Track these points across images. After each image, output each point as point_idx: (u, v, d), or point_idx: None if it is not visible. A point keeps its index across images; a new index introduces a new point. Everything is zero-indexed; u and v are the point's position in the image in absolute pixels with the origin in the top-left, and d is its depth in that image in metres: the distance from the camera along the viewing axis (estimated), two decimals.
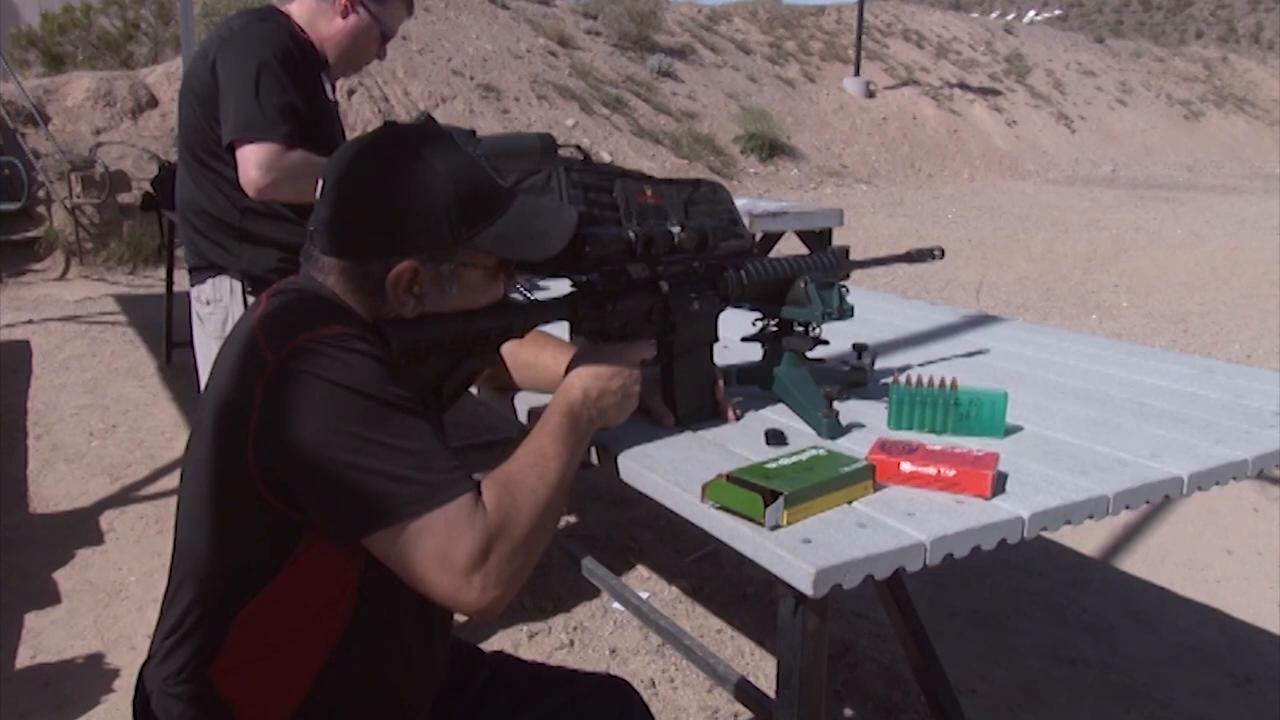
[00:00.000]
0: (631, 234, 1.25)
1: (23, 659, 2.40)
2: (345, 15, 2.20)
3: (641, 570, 2.92)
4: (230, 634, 1.07)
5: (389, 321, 1.08)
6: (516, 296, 1.23)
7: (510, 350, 1.39)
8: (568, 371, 1.21)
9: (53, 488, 3.43)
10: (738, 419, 1.40)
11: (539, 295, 1.24)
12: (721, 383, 1.41)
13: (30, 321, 5.79)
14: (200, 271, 2.24)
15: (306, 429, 0.97)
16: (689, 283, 1.35)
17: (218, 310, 2.21)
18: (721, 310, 1.40)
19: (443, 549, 0.96)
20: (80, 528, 3.12)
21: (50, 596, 2.69)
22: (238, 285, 2.19)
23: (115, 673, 2.34)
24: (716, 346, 1.40)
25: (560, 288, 1.29)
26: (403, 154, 1.08)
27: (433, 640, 1.20)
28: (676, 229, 1.30)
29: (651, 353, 1.29)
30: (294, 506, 1.01)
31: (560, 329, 1.30)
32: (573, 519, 3.24)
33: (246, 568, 1.06)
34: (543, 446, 1.10)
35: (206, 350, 2.27)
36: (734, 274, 1.39)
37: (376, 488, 0.96)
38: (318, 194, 1.11)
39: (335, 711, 1.11)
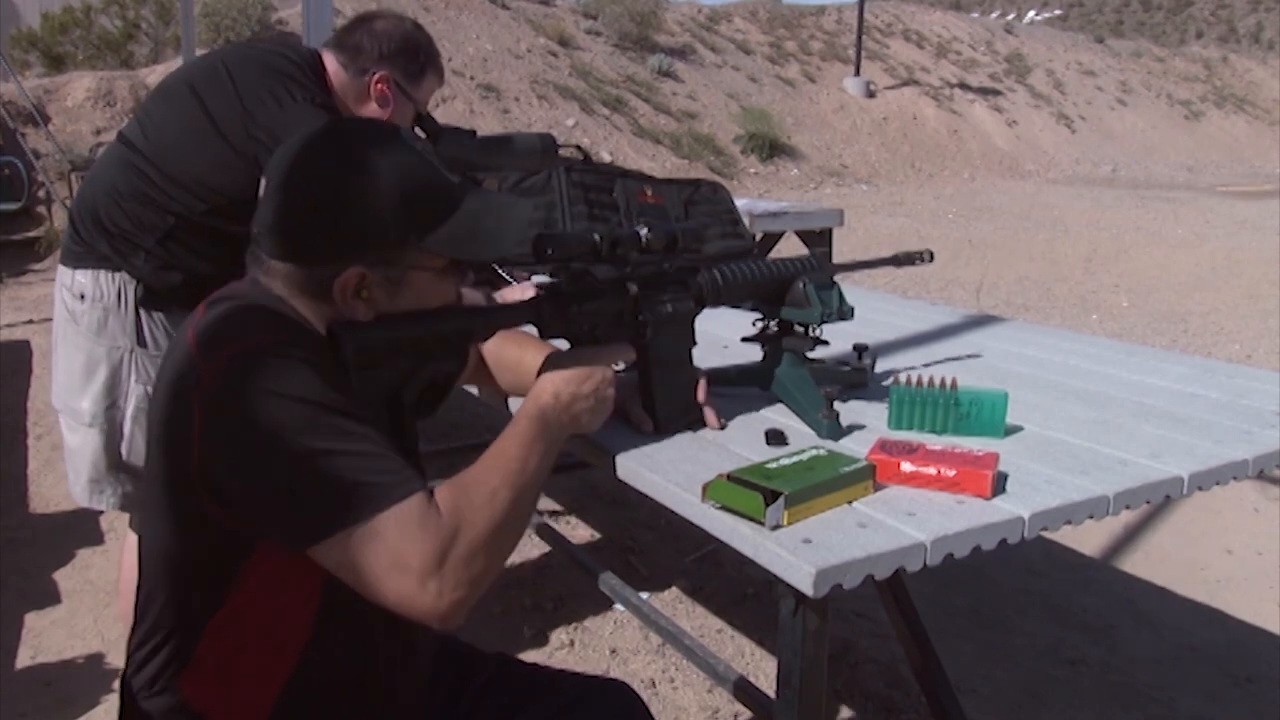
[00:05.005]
0: (596, 235, 1.22)
1: (23, 659, 2.40)
2: (384, 105, 1.93)
3: (641, 570, 2.92)
4: (201, 643, 1.05)
5: (342, 325, 1.04)
6: (494, 296, 1.20)
7: (493, 351, 1.36)
8: (540, 374, 1.17)
9: (53, 488, 3.42)
10: (721, 428, 1.36)
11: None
12: (704, 386, 1.38)
13: (30, 321, 5.78)
14: (83, 259, 1.89)
15: (246, 442, 0.95)
16: (660, 285, 1.31)
17: (95, 309, 1.87)
18: (697, 313, 1.36)
19: (395, 551, 0.92)
20: (80, 528, 3.11)
21: (50, 596, 2.69)
22: (130, 286, 1.86)
23: (115, 673, 2.34)
24: (717, 347, 1.39)
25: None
26: (347, 155, 1.04)
27: (409, 638, 1.17)
28: (644, 230, 1.27)
29: (630, 356, 1.25)
30: (242, 519, 0.99)
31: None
32: (573, 519, 3.24)
33: (207, 578, 1.04)
34: (505, 450, 1.06)
35: (70, 348, 1.90)
36: (707, 276, 1.36)
37: (321, 494, 0.93)
38: (260, 193, 1.06)
39: (306, 716, 1.09)
